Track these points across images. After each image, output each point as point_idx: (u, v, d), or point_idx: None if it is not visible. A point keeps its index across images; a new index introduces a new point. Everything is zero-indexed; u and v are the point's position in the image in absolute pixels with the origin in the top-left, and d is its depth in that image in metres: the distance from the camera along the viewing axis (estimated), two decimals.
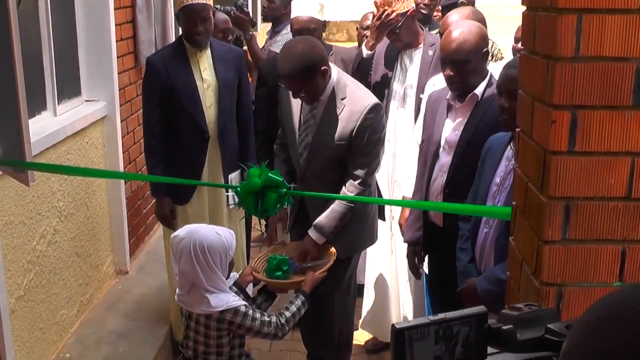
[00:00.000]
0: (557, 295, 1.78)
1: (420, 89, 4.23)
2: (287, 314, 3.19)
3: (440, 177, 3.56)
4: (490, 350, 1.10)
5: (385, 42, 4.43)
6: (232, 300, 3.02)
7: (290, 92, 3.67)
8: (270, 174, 3.18)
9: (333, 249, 3.62)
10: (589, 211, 1.74)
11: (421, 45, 4.39)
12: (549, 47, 1.71)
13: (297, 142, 3.78)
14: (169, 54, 4.34)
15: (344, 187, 3.65)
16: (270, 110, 4.62)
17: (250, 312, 3.05)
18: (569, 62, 1.67)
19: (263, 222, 5.36)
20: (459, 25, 3.51)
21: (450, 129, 3.56)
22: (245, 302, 3.08)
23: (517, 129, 2.03)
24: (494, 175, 2.96)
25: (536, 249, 1.81)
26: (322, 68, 3.54)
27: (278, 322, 3.14)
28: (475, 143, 3.29)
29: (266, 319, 3.10)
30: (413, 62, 4.39)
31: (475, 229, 3.05)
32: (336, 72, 3.68)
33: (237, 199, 3.36)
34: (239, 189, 3.27)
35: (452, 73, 3.42)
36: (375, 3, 4.34)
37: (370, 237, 3.99)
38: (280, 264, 3.47)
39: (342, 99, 3.62)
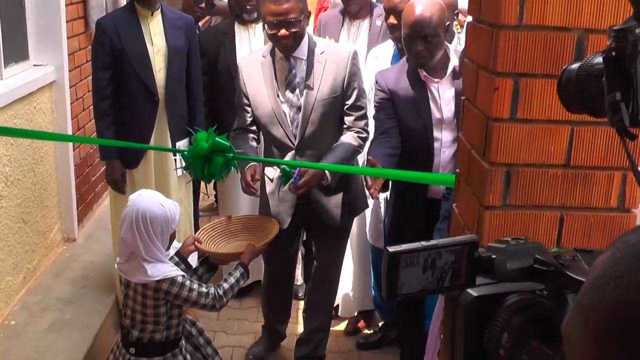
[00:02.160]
0: None
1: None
2: (226, 285, 3.18)
3: (442, 152, 3.51)
4: (478, 280, 1.12)
5: (331, 11, 4.43)
6: (170, 270, 3.01)
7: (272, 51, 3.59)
8: (217, 139, 3.18)
9: (277, 222, 3.61)
10: (529, 177, 1.78)
11: (368, 16, 4.41)
12: (493, 15, 1.74)
13: (282, 111, 3.61)
14: (119, 16, 4.29)
15: (346, 135, 3.61)
16: (211, 81, 4.62)
17: (188, 282, 3.04)
18: (513, 30, 1.70)
19: (212, 190, 5.37)
20: (420, 1, 3.45)
21: (440, 106, 3.51)
22: (182, 273, 3.07)
23: (462, 97, 2.06)
24: None
25: (477, 215, 1.85)
26: (308, 10, 3.55)
27: (216, 293, 3.13)
28: None
29: (204, 290, 3.09)
30: (361, 33, 4.39)
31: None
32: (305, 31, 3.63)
33: (184, 164, 3.35)
34: (186, 152, 3.27)
35: (422, 48, 3.38)
36: None
37: (364, 200, 3.95)
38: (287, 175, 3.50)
39: (321, 53, 3.58)
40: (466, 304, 1.09)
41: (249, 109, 3.71)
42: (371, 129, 3.78)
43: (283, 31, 3.42)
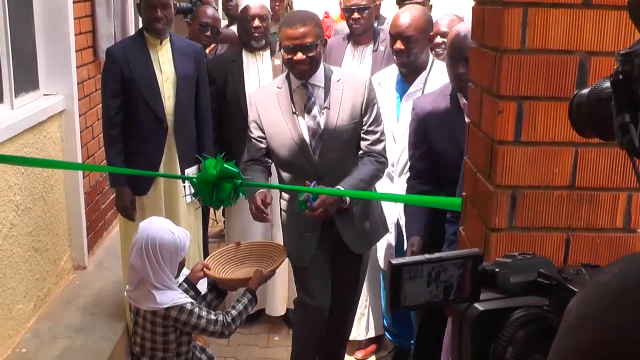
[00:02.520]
0: None
1: None
2: (234, 312, 3.18)
3: None
4: (484, 295, 1.12)
5: (335, 38, 4.47)
6: (179, 297, 3.02)
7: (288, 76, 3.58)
8: (225, 165, 3.19)
9: (285, 249, 3.58)
10: (535, 199, 1.79)
11: (371, 42, 4.45)
12: (496, 39, 1.76)
13: (303, 139, 3.56)
14: (129, 45, 4.35)
15: (364, 160, 3.56)
16: (220, 108, 4.64)
17: (196, 310, 3.05)
18: (515, 54, 1.72)
19: (221, 217, 5.39)
20: (463, 24, 3.44)
21: None
22: (191, 300, 3.07)
23: (467, 121, 2.07)
24: None
25: (484, 237, 1.86)
26: (324, 36, 3.55)
27: (224, 320, 3.13)
28: None
29: (212, 317, 3.10)
30: (364, 59, 4.42)
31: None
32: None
33: (193, 190, 3.37)
34: (195, 179, 3.29)
35: (464, 71, 3.25)
36: None
37: (383, 228, 3.91)
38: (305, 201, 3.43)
39: (338, 81, 3.56)
40: (473, 319, 1.10)
41: (263, 140, 3.65)
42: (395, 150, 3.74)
43: (299, 55, 3.41)
